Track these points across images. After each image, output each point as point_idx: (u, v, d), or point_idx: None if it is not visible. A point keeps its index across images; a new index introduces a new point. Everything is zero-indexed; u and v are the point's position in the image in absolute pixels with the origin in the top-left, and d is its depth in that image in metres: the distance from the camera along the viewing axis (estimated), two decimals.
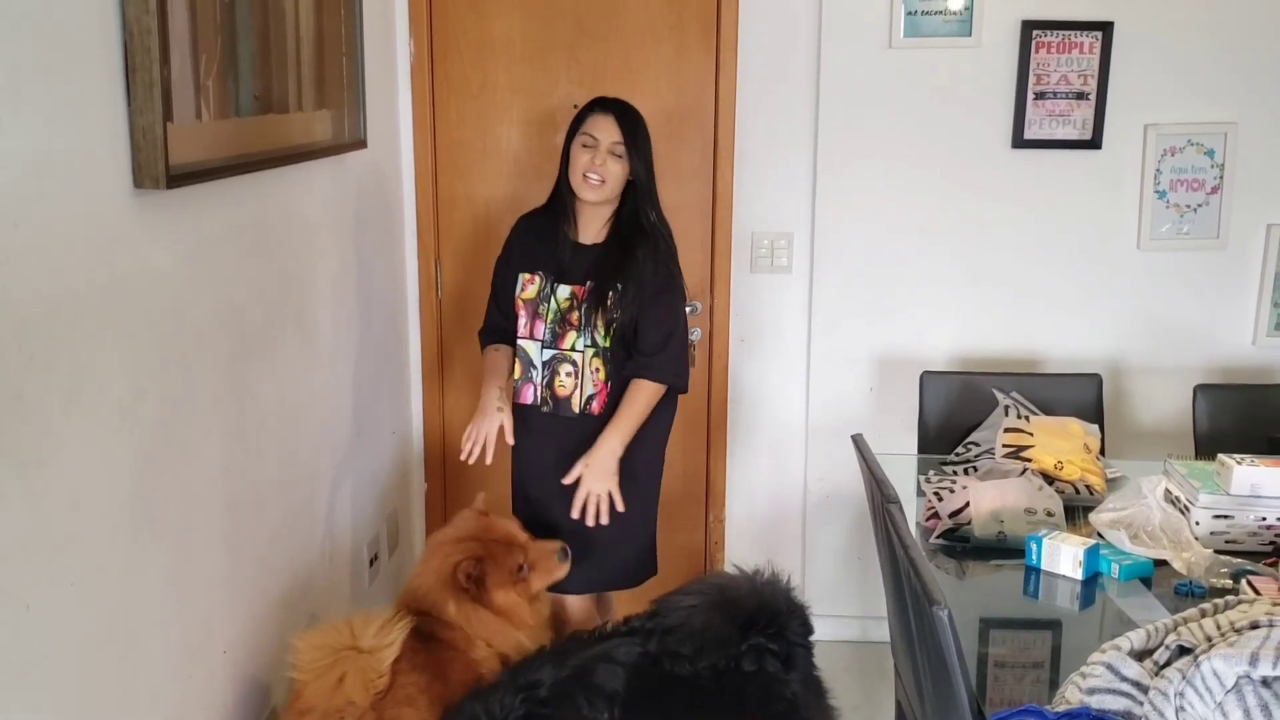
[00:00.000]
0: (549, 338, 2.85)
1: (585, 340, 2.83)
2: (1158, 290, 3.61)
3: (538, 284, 2.87)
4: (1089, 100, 3.48)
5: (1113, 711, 1.72)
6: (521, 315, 2.88)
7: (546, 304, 2.85)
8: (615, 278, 2.82)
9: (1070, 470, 2.78)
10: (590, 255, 2.88)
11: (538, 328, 2.87)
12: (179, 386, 2.04)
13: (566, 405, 2.87)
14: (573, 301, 2.83)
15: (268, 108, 2.37)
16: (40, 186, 1.61)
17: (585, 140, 2.80)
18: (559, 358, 2.85)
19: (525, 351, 2.89)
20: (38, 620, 1.61)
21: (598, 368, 2.84)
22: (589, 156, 2.78)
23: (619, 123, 2.80)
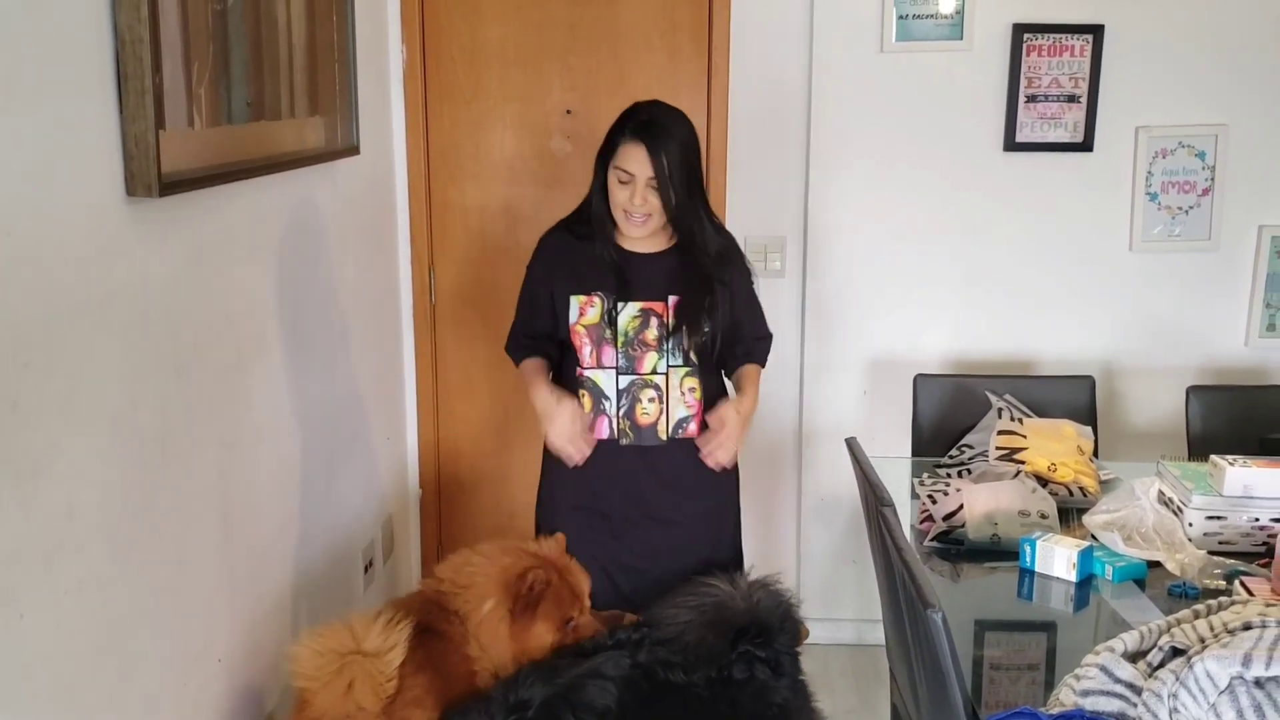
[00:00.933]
0: (624, 363, 2.58)
1: (673, 359, 2.59)
2: (1150, 292, 3.62)
3: (599, 306, 2.58)
4: (1080, 103, 3.49)
5: (1107, 713, 1.73)
6: (583, 343, 2.59)
7: (613, 327, 2.57)
8: (705, 288, 2.59)
9: (1064, 472, 2.78)
10: (659, 266, 2.62)
11: (606, 354, 2.58)
12: (174, 394, 2.04)
13: (651, 433, 2.62)
14: (645, 320, 2.57)
15: (260, 115, 2.37)
16: (33, 194, 1.61)
17: (620, 176, 2.51)
18: (638, 384, 2.59)
19: (592, 382, 2.60)
20: (33, 629, 1.61)
21: (692, 387, 2.61)
22: (627, 194, 2.50)
23: (651, 155, 2.47)
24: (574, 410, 2.57)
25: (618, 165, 2.50)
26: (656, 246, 2.62)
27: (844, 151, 3.55)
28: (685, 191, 2.51)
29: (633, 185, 2.48)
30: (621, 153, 2.50)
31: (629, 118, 2.53)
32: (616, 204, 2.52)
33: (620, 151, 2.50)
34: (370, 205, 3.36)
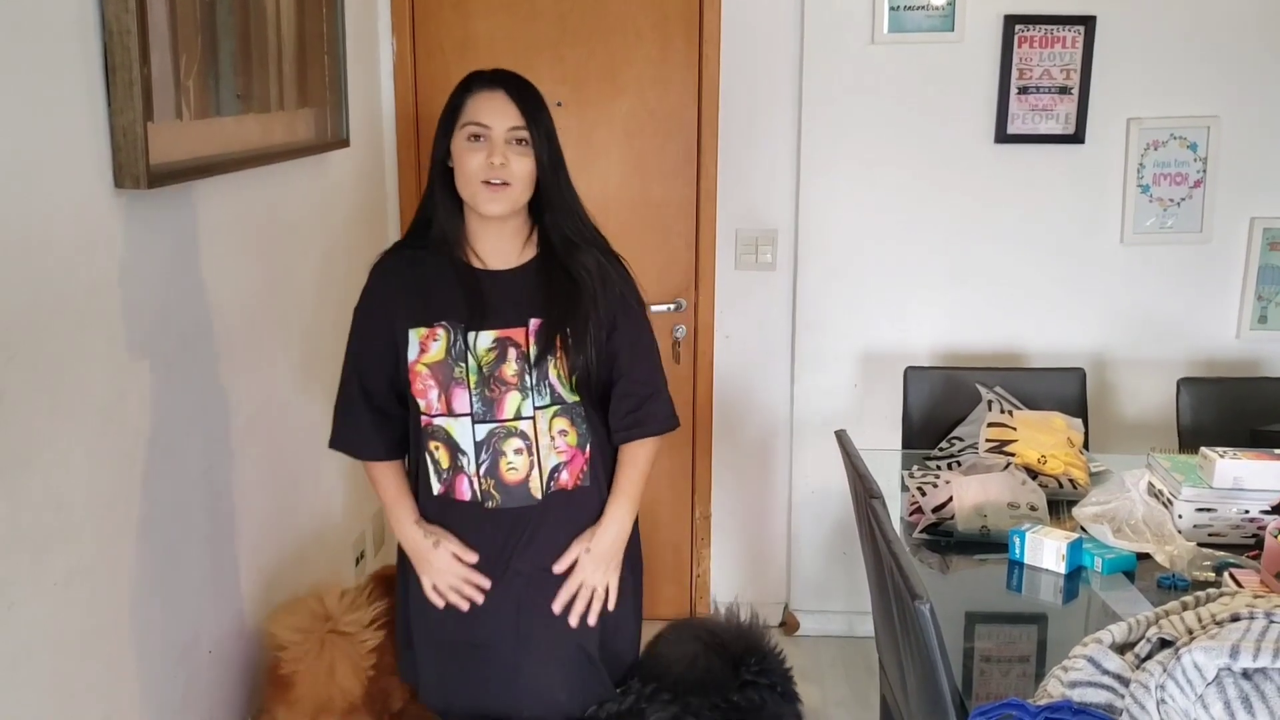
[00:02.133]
0: (480, 408, 2.06)
1: (540, 399, 2.08)
2: (1141, 284, 3.62)
3: (444, 339, 2.05)
4: (1072, 95, 3.49)
5: (1094, 704, 1.73)
6: (427, 387, 2.06)
7: (462, 363, 2.04)
8: (573, 305, 2.09)
9: (1054, 464, 2.79)
10: (519, 283, 2.11)
11: (457, 398, 2.05)
12: (162, 387, 2.04)
13: (522, 492, 2.11)
14: (502, 352, 2.05)
15: (249, 107, 2.37)
16: (20, 185, 1.60)
17: (472, 131, 2.02)
18: (500, 432, 2.07)
19: (445, 432, 2.08)
20: (22, 619, 1.61)
21: (563, 429, 2.11)
22: (482, 155, 2.00)
23: (515, 99, 2.02)
24: (453, 551, 2.13)
25: (470, 120, 2.02)
26: (514, 259, 2.12)
27: (835, 143, 3.54)
28: (552, 166, 2.07)
29: (489, 142, 2.01)
30: (472, 105, 2.04)
31: (476, 74, 2.08)
32: (468, 177, 2.01)
33: (470, 105, 2.04)
34: (361, 198, 3.35)
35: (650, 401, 2.19)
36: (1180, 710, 1.59)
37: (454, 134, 2.05)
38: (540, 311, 2.08)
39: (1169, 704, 1.60)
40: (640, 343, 2.19)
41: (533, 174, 2.05)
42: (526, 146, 2.03)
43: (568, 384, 2.09)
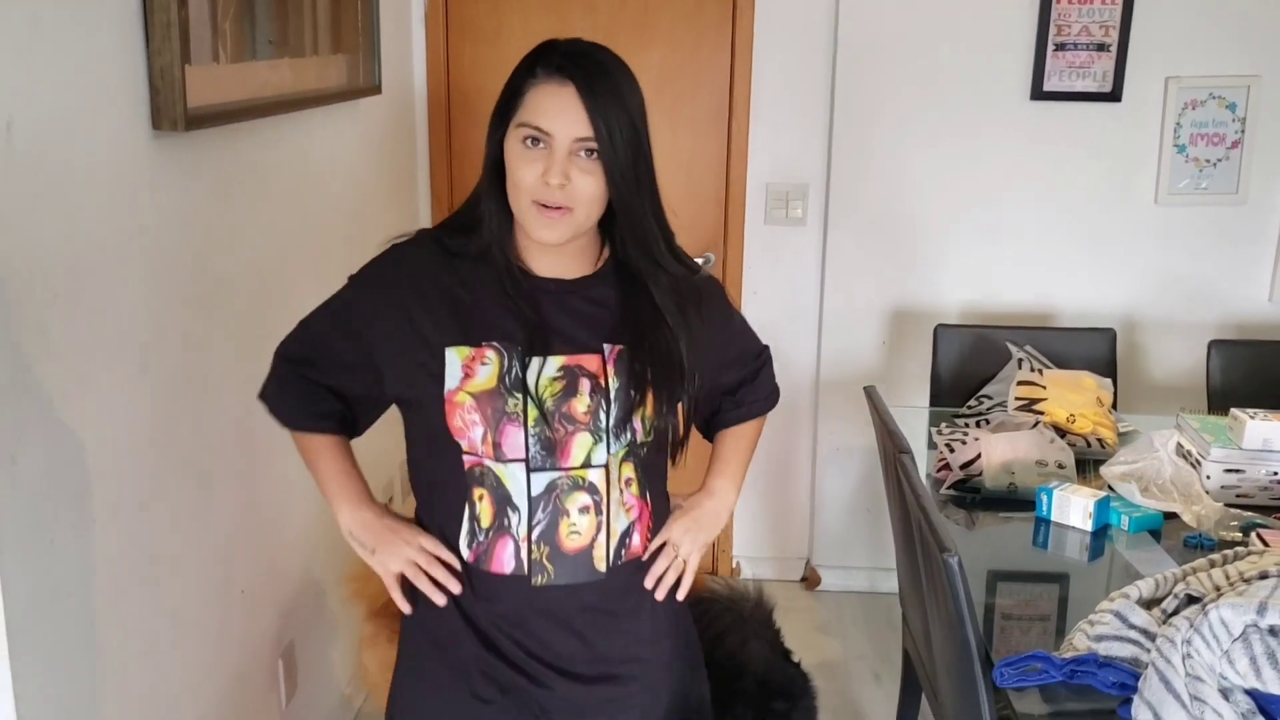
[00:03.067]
0: (539, 453, 1.56)
1: (616, 443, 1.59)
2: (1174, 245, 3.60)
3: (495, 364, 1.55)
4: (1110, 52, 3.45)
5: (1120, 659, 1.74)
6: (469, 424, 1.55)
7: (519, 395, 1.55)
8: (661, 327, 1.62)
9: (1082, 423, 2.79)
10: (590, 296, 1.63)
11: (509, 438, 1.55)
12: (200, 328, 2.06)
13: (583, 564, 1.60)
14: (571, 383, 1.57)
15: (283, 52, 2.37)
16: (61, 126, 1.61)
17: (527, 135, 1.51)
18: (563, 484, 1.58)
19: (496, 480, 1.57)
20: (61, 556, 1.63)
21: (629, 476, 1.63)
22: (538, 168, 1.50)
23: (586, 99, 1.49)
24: (413, 531, 1.67)
25: (526, 121, 1.51)
26: (582, 268, 1.63)
27: (869, 98, 3.52)
28: (633, 176, 1.53)
29: (548, 152, 1.50)
30: (532, 99, 1.52)
31: (544, 53, 1.56)
32: (520, 189, 1.52)
33: (530, 98, 1.52)
34: (391, 146, 3.35)
35: (761, 379, 1.85)
36: (1206, 665, 1.60)
37: (509, 128, 1.54)
38: (620, 334, 1.61)
39: (1195, 659, 1.61)
40: (746, 333, 1.84)
41: (603, 193, 1.53)
42: (597, 160, 1.50)
43: (649, 426, 1.62)
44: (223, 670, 2.20)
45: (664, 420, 1.63)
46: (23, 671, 1.54)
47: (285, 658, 2.51)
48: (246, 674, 2.32)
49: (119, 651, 1.81)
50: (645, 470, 1.65)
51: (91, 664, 1.73)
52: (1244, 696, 1.60)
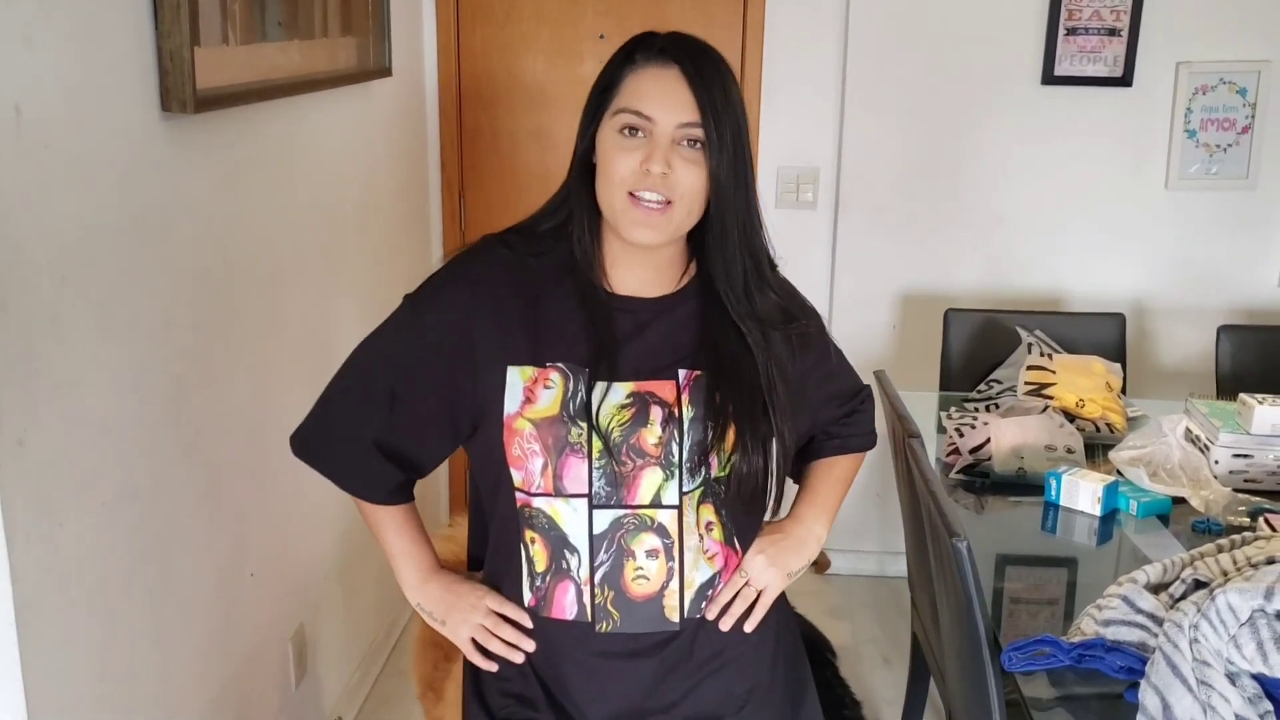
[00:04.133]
0: (604, 488, 1.43)
1: (690, 481, 1.44)
2: (1184, 231, 3.58)
3: (559, 387, 1.42)
4: (1121, 36, 3.43)
5: (1127, 642, 1.74)
6: (528, 453, 1.42)
7: (583, 423, 1.41)
8: (744, 354, 1.47)
9: (1091, 408, 2.78)
10: (667, 317, 1.49)
11: (571, 471, 1.42)
12: (208, 312, 2.06)
13: (653, 612, 1.46)
14: (641, 411, 1.43)
15: (293, 34, 2.37)
16: (70, 109, 1.62)
17: (629, 121, 1.39)
18: (630, 524, 1.43)
19: (548, 521, 1.44)
20: (71, 537, 1.64)
21: (710, 520, 1.47)
22: (638, 156, 1.37)
23: (692, 81, 1.38)
24: (480, 593, 1.53)
25: (626, 106, 1.39)
26: (665, 285, 1.50)
27: (880, 81, 3.51)
28: (734, 175, 1.41)
29: (648, 140, 1.38)
30: (632, 84, 1.40)
31: (644, 40, 1.44)
32: (615, 182, 1.39)
33: (630, 83, 1.41)
34: (402, 128, 3.35)
35: (861, 414, 1.70)
36: (1213, 650, 1.60)
37: (603, 120, 1.42)
38: (699, 359, 1.46)
39: (1202, 643, 1.61)
40: (841, 364, 1.69)
41: (704, 190, 1.40)
42: (701, 151, 1.38)
43: (726, 462, 1.45)
44: (232, 653, 2.22)
45: (748, 461, 1.44)
46: (32, 654, 1.55)
47: (295, 641, 2.52)
48: (256, 657, 2.34)
49: (128, 634, 1.82)
50: (733, 515, 1.48)
51: (100, 647, 1.74)
52: (1250, 681, 1.60)
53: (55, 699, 1.61)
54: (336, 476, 1.54)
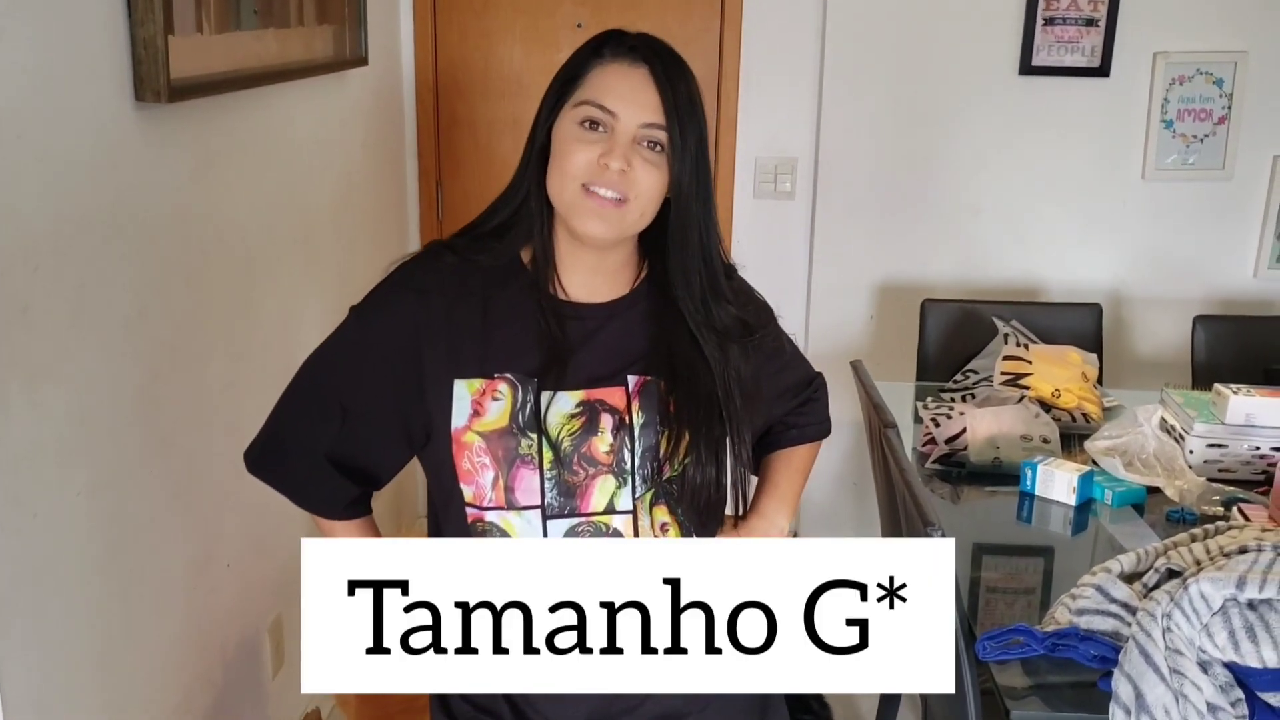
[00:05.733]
0: (556, 499, 1.40)
1: (643, 485, 1.43)
2: (1161, 221, 3.60)
3: (508, 398, 1.39)
4: (1098, 27, 3.44)
5: (1101, 632, 1.76)
6: (478, 467, 1.39)
7: (533, 435, 1.38)
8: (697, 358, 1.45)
9: (1067, 398, 2.80)
10: (615, 321, 1.46)
11: (522, 484, 1.39)
12: (183, 303, 2.05)
13: None
14: (591, 419, 1.41)
15: (268, 22, 2.35)
16: (42, 98, 1.60)
17: (590, 115, 1.37)
18: (584, 532, 1.42)
19: (502, 534, 1.41)
20: (44, 528, 1.63)
21: (665, 522, 1.45)
22: (596, 150, 1.36)
23: (660, 84, 1.38)
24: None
25: (590, 99, 1.37)
26: (616, 289, 1.47)
27: (858, 72, 3.51)
28: (695, 182, 1.40)
29: (609, 136, 1.36)
30: (598, 78, 1.39)
31: (613, 36, 1.43)
32: (569, 173, 1.36)
33: (595, 77, 1.39)
34: (378, 118, 3.33)
35: (817, 394, 1.72)
36: (1185, 639, 1.61)
37: (562, 111, 1.40)
38: (649, 364, 1.44)
39: (1174, 632, 1.62)
40: (796, 357, 1.70)
41: (661, 194, 1.39)
42: (661, 154, 1.37)
43: (678, 466, 1.43)
44: (209, 645, 2.21)
45: (701, 469, 1.42)
46: (5, 644, 1.54)
47: (272, 632, 2.51)
48: (233, 648, 2.33)
49: (102, 626, 1.82)
50: (690, 513, 1.44)
51: (74, 639, 1.74)
52: (1222, 670, 1.61)
53: (29, 692, 1.61)
54: (292, 492, 1.51)
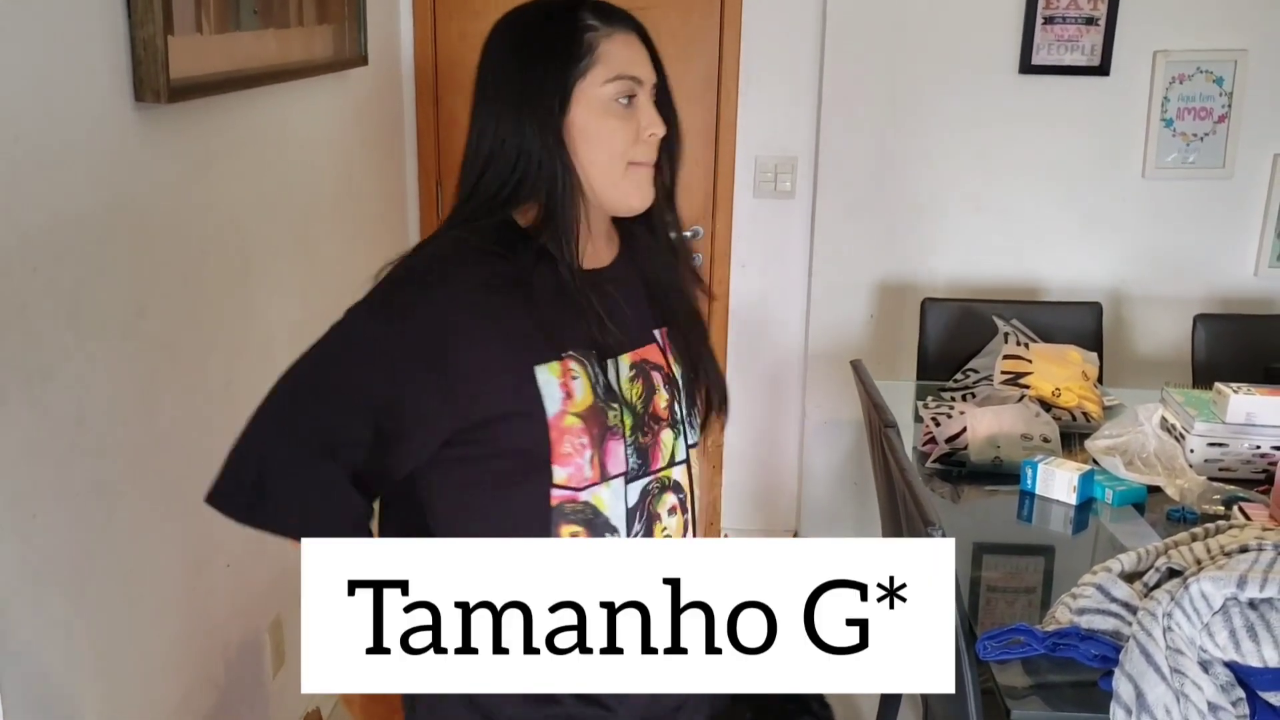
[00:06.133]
0: (636, 462, 1.42)
1: (693, 433, 1.51)
2: (1161, 220, 3.60)
3: (584, 375, 1.38)
4: (1099, 25, 3.43)
5: (1102, 631, 1.75)
6: (577, 449, 1.37)
7: (615, 405, 1.40)
8: (686, 301, 1.54)
9: (1068, 397, 2.79)
10: (624, 285, 1.48)
11: (612, 455, 1.40)
12: (182, 302, 2.05)
13: None
14: (646, 380, 1.45)
15: (268, 22, 2.35)
16: (41, 99, 1.60)
17: (625, 89, 1.38)
18: (654, 489, 1.45)
19: (592, 511, 1.40)
20: (44, 529, 1.63)
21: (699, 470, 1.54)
22: (633, 124, 1.39)
23: (649, 45, 1.44)
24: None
25: (622, 73, 1.38)
26: (608, 254, 1.49)
27: (858, 70, 3.50)
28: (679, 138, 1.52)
29: (636, 102, 1.40)
30: (611, 49, 1.38)
31: (582, 6, 1.41)
32: (614, 152, 1.38)
33: (609, 48, 1.38)
34: (378, 118, 3.33)
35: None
36: (1186, 638, 1.61)
37: (579, 87, 1.37)
38: (659, 317, 1.50)
39: (1175, 632, 1.62)
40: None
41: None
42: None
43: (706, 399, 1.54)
44: (209, 645, 2.21)
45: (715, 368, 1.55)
46: (5, 645, 1.54)
47: (272, 632, 2.51)
48: (233, 648, 2.33)
49: (102, 626, 1.81)
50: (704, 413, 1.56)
51: (74, 639, 1.73)
52: (1223, 669, 1.61)
53: (29, 692, 1.60)
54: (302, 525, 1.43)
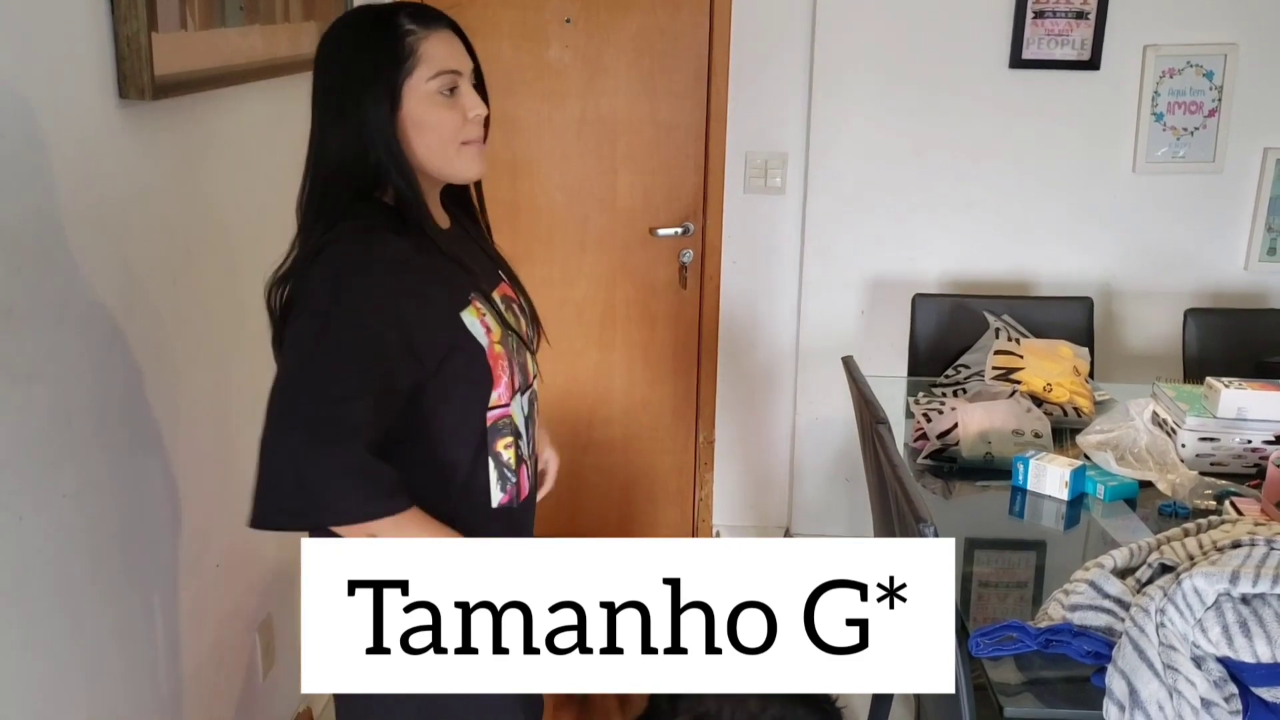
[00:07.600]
0: (520, 378, 1.74)
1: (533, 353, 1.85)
2: (1151, 214, 3.60)
3: (489, 311, 1.70)
4: (1089, 20, 3.43)
5: (1094, 627, 1.75)
6: (504, 371, 1.69)
7: (511, 332, 1.72)
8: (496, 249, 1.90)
9: (1059, 393, 2.79)
10: (466, 239, 1.81)
11: (519, 372, 1.74)
12: (169, 301, 2.03)
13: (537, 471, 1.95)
14: (514, 310, 1.78)
15: (253, 18, 2.33)
16: (24, 96, 1.58)
17: (448, 83, 1.64)
18: (533, 396, 1.82)
19: (513, 422, 1.73)
20: (31, 531, 1.62)
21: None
22: (459, 111, 1.66)
23: (462, 37, 1.72)
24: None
25: (444, 69, 1.64)
26: (444, 221, 1.78)
27: (848, 65, 3.50)
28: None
29: (460, 90, 1.66)
30: (431, 49, 1.63)
31: (400, 11, 1.65)
32: (445, 136, 1.65)
33: (428, 48, 1.63)
34: None
35: None
36: (1179, 634, 1.61)
37: (409, 87, 1.62)
38: (494, 261, 1.83)
39: (1168, 627, 1.61)
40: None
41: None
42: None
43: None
44: (198, 645, 2.19)
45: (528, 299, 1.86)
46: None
47: (262, 632, 2.50)
48: (223, 649, 2.31)
49: (91, 628, 1.80)
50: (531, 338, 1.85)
51: (63, 641, 1.72)
52: (1216, 664, 1.61)
53: (17, 694, 1.59)
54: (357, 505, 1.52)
